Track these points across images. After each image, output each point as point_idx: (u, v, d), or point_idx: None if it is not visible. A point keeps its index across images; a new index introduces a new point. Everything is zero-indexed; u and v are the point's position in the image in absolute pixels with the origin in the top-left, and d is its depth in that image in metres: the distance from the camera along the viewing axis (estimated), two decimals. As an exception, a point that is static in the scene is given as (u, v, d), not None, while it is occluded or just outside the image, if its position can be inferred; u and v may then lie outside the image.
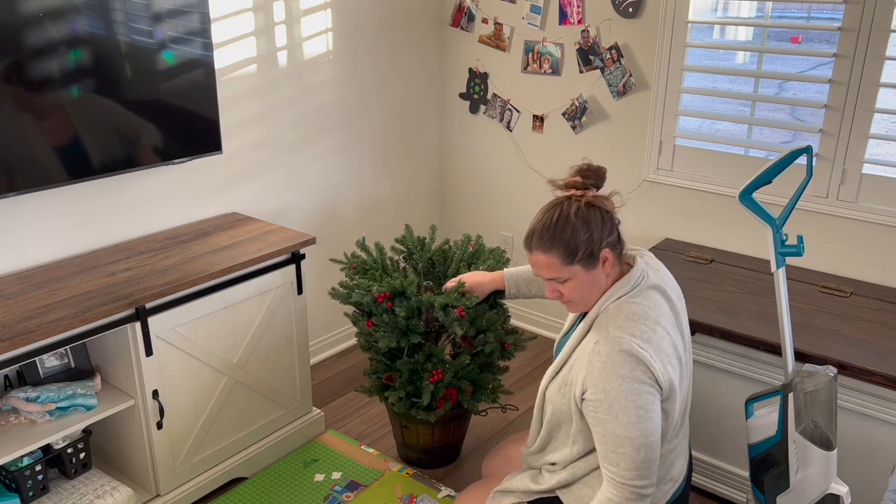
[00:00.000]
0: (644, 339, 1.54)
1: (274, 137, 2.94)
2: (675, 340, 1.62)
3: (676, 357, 1.61)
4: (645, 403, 1.51)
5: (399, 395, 2.37)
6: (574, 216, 1.58)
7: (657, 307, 1.61)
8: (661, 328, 1.58)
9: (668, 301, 1.67)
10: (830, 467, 1.79)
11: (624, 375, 1.50)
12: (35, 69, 2.09)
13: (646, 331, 1.55)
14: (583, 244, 1.57)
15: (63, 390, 2.15)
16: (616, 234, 1.63)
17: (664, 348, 1.56)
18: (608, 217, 1.61)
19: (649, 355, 1.52)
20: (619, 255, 1.65)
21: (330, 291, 2.43)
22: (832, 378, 1.79)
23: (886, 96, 2.57)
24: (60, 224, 2.37)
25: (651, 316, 1.58)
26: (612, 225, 1.62)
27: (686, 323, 1.75)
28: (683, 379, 1.66)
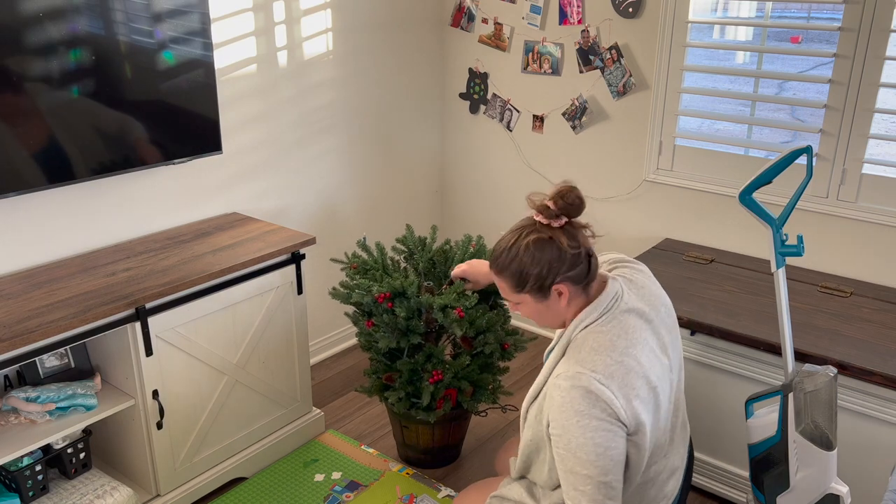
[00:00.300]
0: (606, 375, 1.49)
1: (274, 137, 2.94)
2: (648, 369, 1.54)
3: (649, 387, 1.53)
4: (604, 441, 1.46)
5: (399, 395, 2.37)
6: (524, 250, 1.56)
7: (628, 334, 1.55)
8: (630, 358, 1.52)
9: (648, 323, 1.60)
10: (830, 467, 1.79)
11: (581, 412, 1.46)
12: (35, 69, 2.09)
13: (609, 364, 1.50)
14: (532, 278, 1.56)
15: (63, 390, 2.15)
16: (580, 268, 1.56)
17: (629, 382, 1.50)
18: (567, 254, 1.54)
19: (610, 392, 1.47)
20: (583, 286, 1.58)
21: (330, 291, 2.43)
22: (832, 378, 1.79)
23: (886, 96, 2.57)
24: (60, 224, 2.37)
25: (618, 346, 1.53)
26: (572, 261, 1.55)
27: (672, 340, 1.66)
28: (661, 406, 1.57)
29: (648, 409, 1.53)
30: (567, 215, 1.57)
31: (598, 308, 1.57)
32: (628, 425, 1.49)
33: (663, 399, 1.58)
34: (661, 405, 1.57)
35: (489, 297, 2.42)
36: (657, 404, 1.56)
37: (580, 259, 1.55)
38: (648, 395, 1.53)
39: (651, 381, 1.54)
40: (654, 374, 1.56)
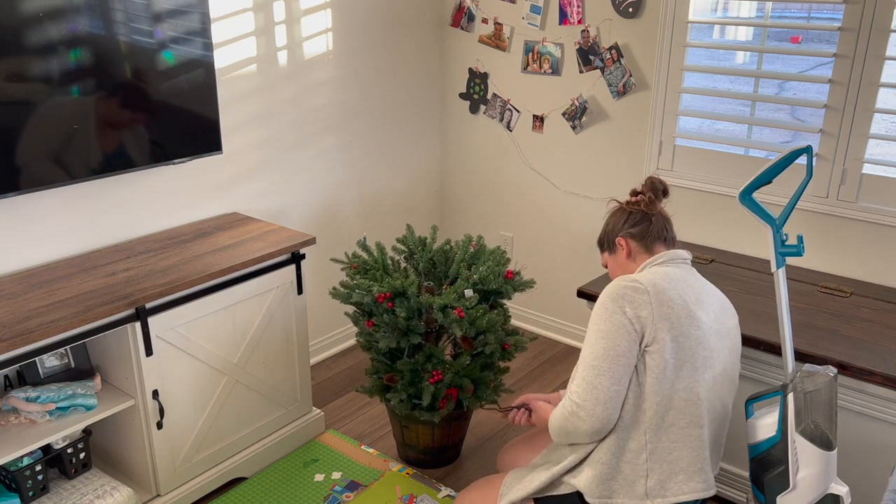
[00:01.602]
0: (647, 281, 1.70)
1: (274, 137, 2.94)
2: (694, 307, 1.70)
3: (689, 316, 1.68)
4: (609, 327, 1.66)
5: (400, 396, 2.37)
6: (607, 219, 1.93)
7: (687, 280, 1.75)
8: (680, 291, 1.70)
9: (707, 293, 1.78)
10: (830, 467, 1.78)
11: (607, 295, 1.70)
12: (35, 69, 2.09)
13: (659, 281, 1.70)
14: (605, 236, 1.93)
15: (63, 390, 2.15)
16: (641, 226, 1.85)
17: (669, 297, 1.68)
18: (635, 216, 1.87)
19: (642, 286, 1.68)
20: (645, 243, 1.85)
21: (331, 291, 2.43)
22: (832, 378, 1.79)
23: (886, 96, 2.57)
24: (60, 224, 2.37)
25: (673, 277, 1.73)
26: (637, 221, 1.86)
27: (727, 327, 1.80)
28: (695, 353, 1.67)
29: (681, 331, 1.67)
30: (644, 193, 1.91)
31: (664, 256, 1.82)
32: (643, 330, 1.66)
33: (707, 344, 1.70)
34: (702, 345, 1.69)
35: (489, 298, 2.42)
36: (695, 337, 1.68)
37: (639, 219, 1.86)
38: (685, 319, 1.67)
39: (692, 311, 1.69)
40: (701, 313, 1.71)
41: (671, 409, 1.67)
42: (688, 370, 1.67)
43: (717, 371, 1.74)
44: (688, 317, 1.68)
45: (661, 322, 1.65)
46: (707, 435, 1.72)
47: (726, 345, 1.78)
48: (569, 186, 3.32)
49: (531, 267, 3.57)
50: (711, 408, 1.73)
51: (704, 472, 1.71)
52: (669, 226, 1.89)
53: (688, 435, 1.69)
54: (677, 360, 1.66)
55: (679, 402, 1.67)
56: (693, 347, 1.68)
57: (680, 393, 1.67)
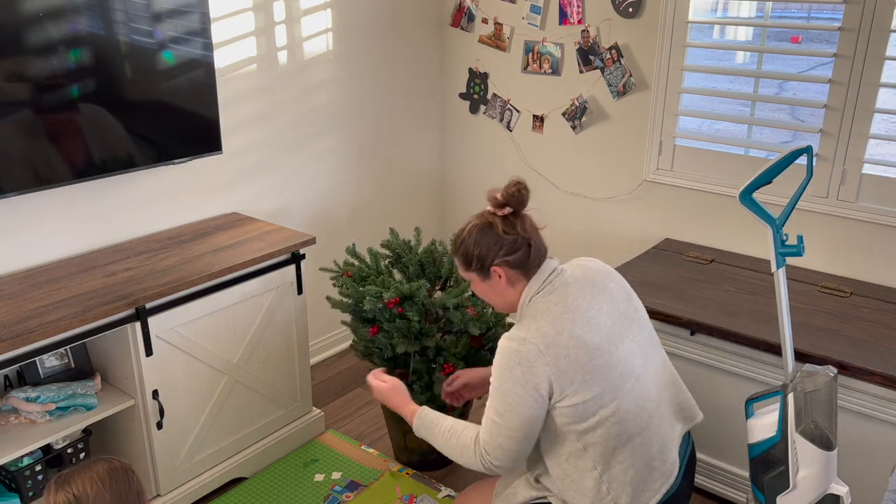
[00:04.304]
0: (537, 337, 1.64)
1: (274, 137, 2.94)
2: (585, 333, 1.65)
3: (585, 349, 1.64)
4: (514, 400, 1.64)
5: (419, 400, 2.38)
6: (468, 233, 1.76)
7: (566, 302, 1.69)
8: (565, 321, 1.66)
9: (595, 292, 1.73)
10: (830, 467, 1.78)
11: (503, 360, 1.66)
12: (35, 69, 2.09)
13: (543, 326, 1.65)
14: (474, 258, 1.74)
15: (63, 390, 2.15)
16: (518, 254, 1.72)
17: (560, 342, 1.63)
18: (511, 241, 1.72)
19: (535, 347, 1.63)
20: (524, 272, 1.74)
21: (329, 299, 2.43)
22: (832, 378, 1.79)
23: (886, 96, 2.57)
24: (60, 224, 2.37)
25: (553, 312, 1.67)
26: (510, 246, 1.72)
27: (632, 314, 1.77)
28: (613, 367, 1.66)
29: (585, 368, 1.63)
30: (512, 206, 1.75)
31: (537, 281, 1.73)
32: (549, 391, 1.64)
33: (616, 360, 1.67)
34: (611, 365, 1.66)
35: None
36: (600, 365, 1.65)
37: (518, 245, 1.72)
38: (584, 357, 1.64)
39: (588, 343, 1.65)
40: (597, 338, 1.66)
41: (608, 437, 1.67)
42: (608, 397, 1.65)
43: (637, 365, 1.72)
44: (587, 353, 1.64)
45: (563, 377, 1.62)
46: (652, 432, 1.72)
47: (632, 331, 1.74)
48: (569, 186, 3.32)
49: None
50: (646, 401, 1.72)
51: (665, 461, 1.73)
52: (541, 239, 1.77)
53: (632, 450, 1.69)
54: (596, 395, 1.64)
55: (613, 428, 1.66)
56: (604, 374, 1.65)
57: (610, 420, 1.66)
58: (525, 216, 1.77)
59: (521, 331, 1.67)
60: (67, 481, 1.34)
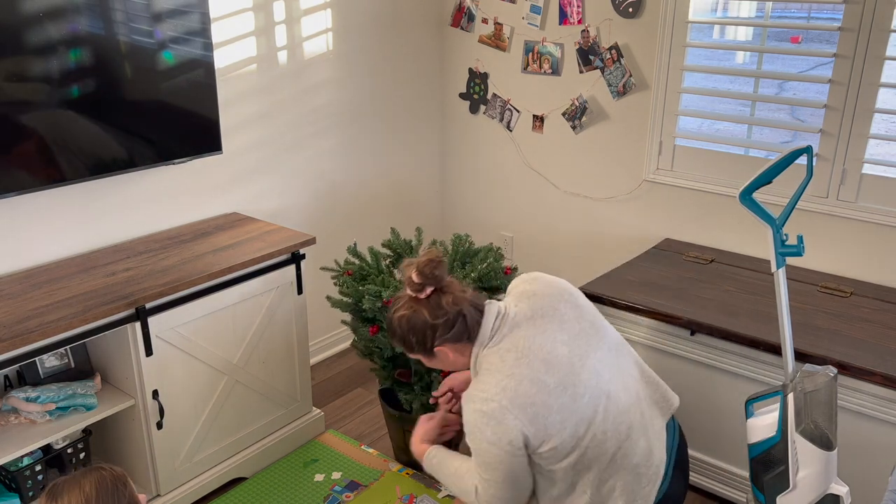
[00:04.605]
0: (498, 395, 1.62)
1: (274, 137, 2.94)
2: (545, 372, 1.64)
3: (545, 389, 1.63)
4: (494, 460, 1.63)
5: (421, 400, 2.38)
6: (397, 323, 1.74)
7: (518, 347, 1.67)
8: (522, 368, 1.64)
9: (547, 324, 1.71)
10: (830, 467, 1.78)
11: (475, 429, 1.65)
12: (35, 69, 2.09)
13: (501, 380, 1.64)
14: (414, 344, 1.74)
15: (63, 390, 2.15)
16: (456, 328, 1.70)
17: (526, 394, 1.62)
18: (445, 320, 1.69)
19: (498, 406, 1.61)
20: (466, 339, 1.72)
21: (329, 298, 2.43)
22: (832, 378, 1.79)
23: (886, 96, 2.57)
24: (60, 224, 2.37)
25: (507, 361, 1.66)
26: (445, 326, 1.69)
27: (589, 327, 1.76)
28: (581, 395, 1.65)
29: (554, 410, 1.63)
30: (431, 286, 1.70)
31: (483, 335, 1.71)
32: (526, 443, 1.63)
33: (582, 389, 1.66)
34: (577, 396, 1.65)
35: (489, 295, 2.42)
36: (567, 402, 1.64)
37: (453, 321, 1.69)
38: (550, 399, 1.62)
39: (549, 384, 1.64)
40: (558, 374, 1.65)
41: (591, 463, 1.68)
42: (583, 428, 1.65)
43: (605, 381, 1.71)
44: (551, 394, 1.63)
45: (534, 426, 1.62)
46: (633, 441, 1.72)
47: (591, 348, 1.72)
48: (569, 186, 3.32)
49: (531, 267, 3.57)
50: (621, 414, 1.71)
51: (651, 465, 1.73)
52: (472, 297, 1.74)
53: (616, 466, 1.70)
54: (571, 433, 1.64)
55: (593, 452, 1.67)
56: (573, 409, 1.64)
57: (589, 447, 1.67)
58: (448, 287, 1.73)
59: (480, 390, 1.65)
60: (58, 492, 1.35)
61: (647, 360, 2.49)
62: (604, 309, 2.51)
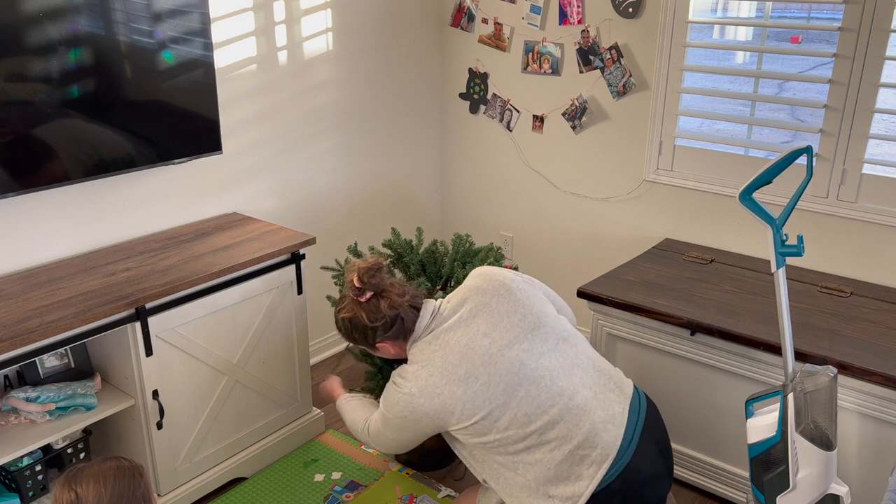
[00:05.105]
0: (415, 388, 1.82)
1: (274, 137, 2.94)
2: (463, 363, 1.81)
3: (462, 377, 1.80)
4: (395, 423, 1.88)
5: None
6: (341, 323, 1.97)
7: (439, 340, 1.86)
8: (438, 360, 1.83)
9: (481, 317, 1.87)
10: (830, 467, 1.79)
11: (387, 399, 1.90)
12: (35, 69, 2.09)
13: (420, 375, 1.83)
14: (356, 340, 1.97)
15: (63, 390, 2.15)
16: (394, 328, 1.91)
17: (436, 385, 1.81)
18: (376, 325, 1.90)
19: (412, 398, 1.82)
20: (403, 336, 1.92)
21: (329, 298, 2.43)
22: (832, 378, 1.79)
23: (886, 96, 2.57)
24: (60, 224, 2.37)
25: (426, 352, 1.86)
26: (384, 326, 1.90)
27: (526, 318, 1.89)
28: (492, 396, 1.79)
29: (463, 399, 1.79)
30: (371, 291, 1.91)
31: (418, 330, 1.91)
32: (432, 425, 1.83)
33: (497, 378, 1.80)
34: (492, 384, 1.80)
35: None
36: (479, 390, 1.79)
37: (390, 323, 1.90)
38: (459, 389, 1.79)
39: (459, 374, 1.80)
40: (470, 365, 1.80)
41: (515, 442, 1.79)
42: (498, 412, 1.78)
43: (530, 369, 1.81)
44: (461, 383, 1.79)
45: (443, 412, 1.80)
46: (570, 424, 1.78)
47: (519, 339, 1.84)
48: (569, 186, 3.32)
49: (531, 267, 3.57)
50: (552, 398, 1.79)
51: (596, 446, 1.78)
52: (410, 297, 1.93)
53: (548, 446, 1.78)
54: (484, 416, 1.79)
55: (516, 433, 1.78)
56: (486, 395, 1.78)
57: (510, 429, 1.78)
58: (387, 292, 1.92)
59: (402, 377, 1.87)
60: (74, 479, 1.36)
61: (647, 360, 2.49)
62: (604, 309, 2.51)
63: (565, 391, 1.80)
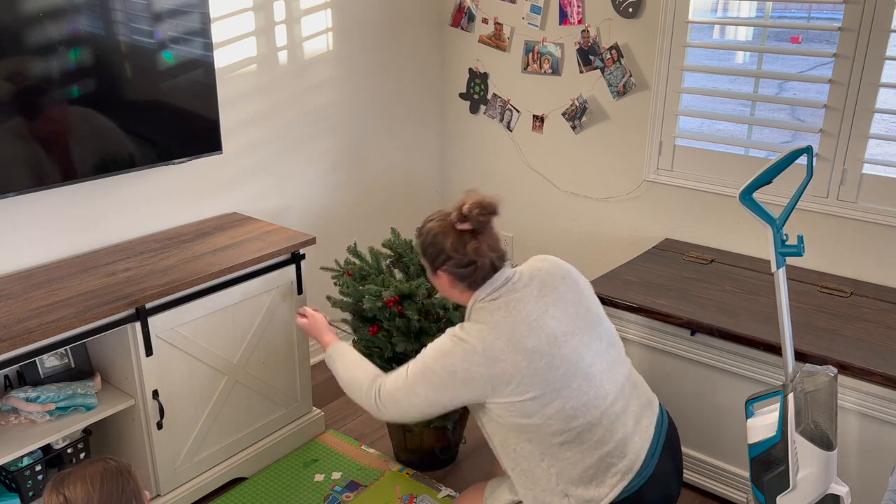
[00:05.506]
0: (476, 339, 1.73)
1: (274, 137, 2.94)
2: (523, 338, 1.73)
3: (521, 352, 1.71)
4: (438, 380, 1.74)
5: None
6: (426, 232, 1.87)
7: (509, 307, 1.76)
8: (504, 328, 1.73)
9: (544, 297, 1.80)
10: (830, 467, 1.79)
11: (440, 349, 1.77)
12: (35, 69, 2.09)
13: (483, 332, 1.73)
14: (426, 255, 1.87)
15: (63, 390, 2.15)
16: (465, 270, 1.81)
17: (500, 349, 1.72)
18: (460, 259, 1.80)
19: (471, 346, 1.72)
20: (468, 284, 1.83)
21: (329, 298, 2.43)
22: (832, 378, 1.79)
23: (886, 96, 2.57)
24: (60, 224, 2.37)
25: (495, 317, 1.75)
26: (457, 261, 1.81)
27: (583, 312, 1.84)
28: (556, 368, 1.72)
29: (524, 372, 1.71)
30: (471, 225, 1.81)
31: (484, 291, 1.80)
32: (480, 390, 1.72)
33: (559, 362, 1.73)
34: (553, 367, 1.73)
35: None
36: (540, 368, 1.72)
37: (464, 263, 1.80)
38: (522, 361, 1.71)
39: (526, 347, 1.72)
40: (537, 341, 1.73)
41: (553, 433, 1.72)
42: (550, 396, 1.71)
43: (586, 364, 1.76)
44: (525, 356, 1.70)
45: (496, 380, 1.70)
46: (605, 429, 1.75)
47: (581, 331, 1.80)
48: (569, 186, 3.32)
49: (531, 267, 3.57)
50: (597, 399, 1.75)
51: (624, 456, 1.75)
52: (497, 255, 1.83)
53: (582, 446, 1.73)
54: (536, 396, 1.70)
55: (558, 425, 1.72)
56: (545, 376, 1.71)
57: (554, 417, 1.71)
58: (483, 238, 1.82)
59: (464, 331, 1.76)
60: (62, 482, 1.36)
61: (647, 360, 2.49)
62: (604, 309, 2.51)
63: (608, 395, 1.77)
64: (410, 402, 1.79)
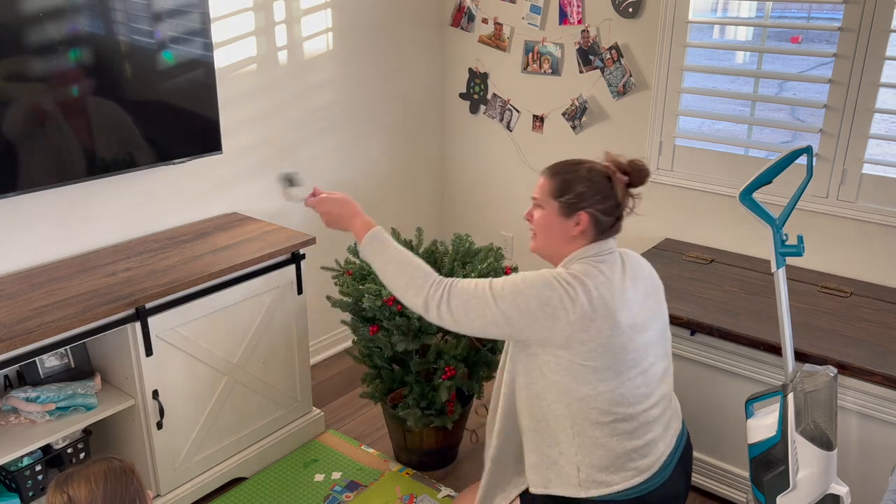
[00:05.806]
0: (579, 288, 1.65)
1: (274, 137, 2.94)
2: (616, 305, 1.67)
3: (610, 324, 1.65)
4: (526, 307, 1.63)
5: (415, 414, 2.38)
6: (586, 170, 1.72)
7: (605, 275, 1.69)
8: (601, 288, 1.66)
9: (633, 281, 1.75)
10: (830, 467, 1.79)
11: (541, 277, 1.67)
12: (35, 69, 2.08)
13: (584, 283, 1.65)
14: (574, 193, 1.70)
15: (63, 390, 2.15)
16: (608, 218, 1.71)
17: (593, 309, 1.64)
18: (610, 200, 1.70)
19: (574, 291, 1.64)
20: (599, 231, 1.72)
21: (329, 298, 2.43)
22: (832, 378, 1.79)
23: (886, 96, 2.57)
24: (61, 224, 2.37)
25: (593, 275, 1.67)
26: (609, 205, 1.70)
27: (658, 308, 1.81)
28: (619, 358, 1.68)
29: (600, 339, 1.65)
30: (630, 178, 1.72)
31: (593, 249, 1.72)
32: (561, 334, 1.63)
33: (632, 346, 1.69)
34: (626, 349, 1.68)
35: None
36: (616, 344, 1.67)
37: (611, 211, 1.71)
38: (607, 329, 1.65)
39: (617, 319, 1.66)
40: (625, 318, 1.68)
41: (592, 409, 1.69)
42: (610, 374, 1.67)
43: (648, 362, 1.75)
44: (612, 326, 1.66)
45: (580, 333, 1.64)
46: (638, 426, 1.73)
47: (653, 328, 1.77)
48: (569, 186, 3.32)
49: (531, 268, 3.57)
50: (643, 397, 1.73)
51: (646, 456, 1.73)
52: (614, 222, 1.75)
53: (613, 434, 1.71)
54: (598, 367, 1.66)
55: (601, 404, 1.68)
56: (616, 354, 1.67)
57: (602, 396, 1.68)
58: (632, 196, 1.75)
59: (566, 276, 1.66)
60: (66, 482, 1.36)
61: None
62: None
63: (653, 396, 1.76)
64: (481, 314, 1.65)
